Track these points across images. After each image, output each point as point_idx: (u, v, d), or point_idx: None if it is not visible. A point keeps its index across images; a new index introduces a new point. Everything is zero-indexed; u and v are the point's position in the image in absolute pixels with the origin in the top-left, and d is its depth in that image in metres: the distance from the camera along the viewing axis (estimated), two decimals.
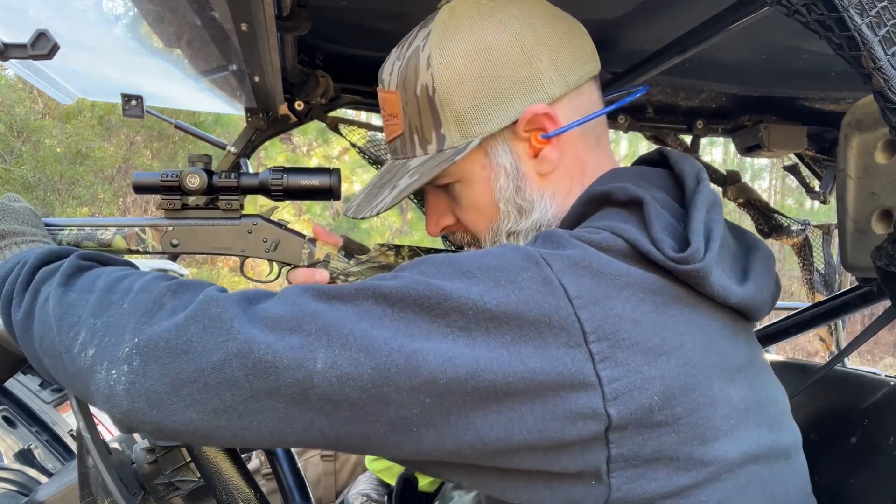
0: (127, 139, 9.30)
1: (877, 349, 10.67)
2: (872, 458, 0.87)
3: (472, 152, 0.73)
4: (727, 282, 0.62)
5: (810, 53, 1.25)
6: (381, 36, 1.31)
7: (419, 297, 0.56)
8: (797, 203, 13.93)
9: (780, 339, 1.33)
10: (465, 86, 0.72)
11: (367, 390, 0.53)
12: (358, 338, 0.54)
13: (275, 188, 0.93)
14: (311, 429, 0.56)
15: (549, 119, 0.72)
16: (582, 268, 0.57)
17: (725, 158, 11.87)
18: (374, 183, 0.84)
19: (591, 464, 0.56)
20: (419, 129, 0.76)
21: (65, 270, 0.69)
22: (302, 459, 2.00)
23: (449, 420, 0.54)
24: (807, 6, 0.54)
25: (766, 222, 1.86)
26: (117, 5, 1.11)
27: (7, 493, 1.19)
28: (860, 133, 0.87)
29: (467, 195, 0.78)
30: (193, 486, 0.92)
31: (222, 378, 0.55)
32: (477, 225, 0.79)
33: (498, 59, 0.71)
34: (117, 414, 0.59)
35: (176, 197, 0.94)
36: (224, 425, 0.56)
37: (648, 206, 0.63)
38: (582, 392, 0.54)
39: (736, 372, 0.62)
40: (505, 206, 0.75)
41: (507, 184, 0.75)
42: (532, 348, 0.54)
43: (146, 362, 0.57)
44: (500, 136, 0.74)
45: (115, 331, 0.60)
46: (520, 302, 0.55)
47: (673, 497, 0.57)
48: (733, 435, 0.60)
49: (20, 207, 0.84)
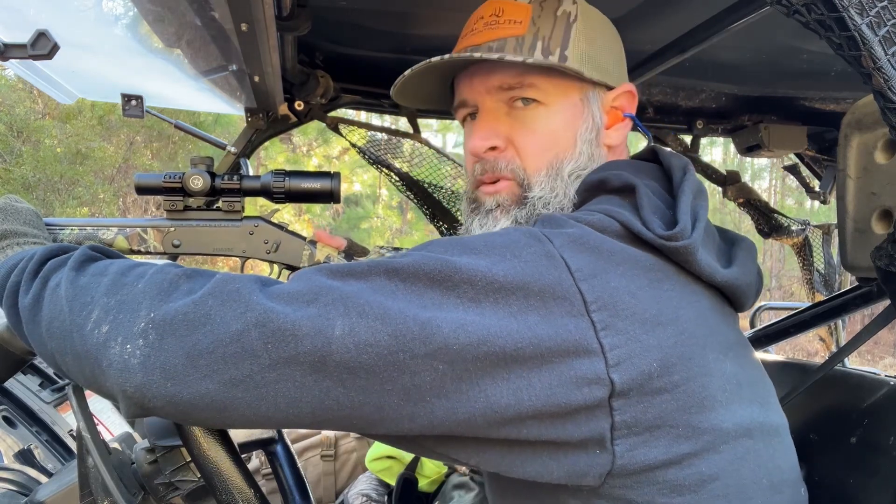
0: (127, 139, 9.30)
1: (877, 349, 10.68)
2: (872, 458, 0.87)
3: (571, 89, 0.80)
4: (713, 262, 0.66)
5: (810, 53, 1.25)
6: (381, 36, 1.31)
7: (430, 270, 0.58)
8: (797, 203, 13.94)
9: (780, 339, 1.33)
10: (594, 36, 0.81)
11: (383, 357, 0.55)
12: (374, 307, 0.56)
13: (276, 191, 0.94)
14: (326, 398, 0.56)
15: (632, 100, 0.84)
16: (581, 244, 0.61)
17: (725, 158, 11.88)
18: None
19: (596, 431, 0.58)
20: (546, 39, 0.78)
21: (76, 258, 0.69)
22: (302, 459, 2.00)
23: (461, 388, 0.56)
24: (807, 6, 0.54)
25: (766, 222, 1.86)
26: (117, 5, 1.11)
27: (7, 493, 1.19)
28: (860, 133, 0.87)
29: (546, 121, 0.79)
30: (193, 486, 0.92)
31: (241, 348, 0.55)
32: (537, 153, 0.79)
33: (612, 39, 0.84)
34: (131, 388, 0.57)
35: (178, 198, 0.94)
36: (241, 396, 0.56)
37: (640, 191, 0.68)
38: (586, 358, 0.57)
39: (727, 348, 0.66)
40: (582, 145, 0.80)
41: (591, 130, 0.81)
42: (538, 317, 0.57)
43: (162, 336, 0.57)
44: (598, 91, 0.82)
45: (129, 308, 0.60)
46: (525, 273, 0.58)
47: (674, 466, 0.60)
48: (729, 406, 0.63)
49: (22, 208, 0.85)
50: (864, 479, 0.87)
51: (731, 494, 0.62)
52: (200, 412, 0.57)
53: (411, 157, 1.77)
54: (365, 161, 1.77)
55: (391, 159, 1.75)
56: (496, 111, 0.81)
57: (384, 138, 1.72)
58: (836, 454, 0.93)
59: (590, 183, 0.75)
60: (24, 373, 1.87)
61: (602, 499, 0.62)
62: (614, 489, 0.61)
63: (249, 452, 1.72)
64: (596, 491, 0.61)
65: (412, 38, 1.33)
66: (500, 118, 0.81)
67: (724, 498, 0.61)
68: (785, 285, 12.66)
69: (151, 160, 9.55)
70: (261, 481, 1.85)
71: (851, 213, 0.89)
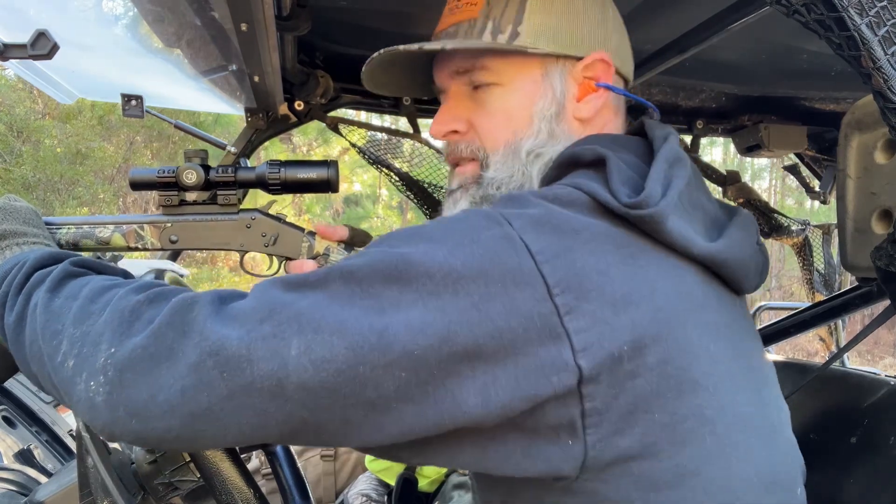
0: (127, 139, 9.30)
1: (877, 349, 10.67)
2: (872, 458, 0.87)
3: (530, 64, 0.77)
4: (689, 232, 0.62)
5: (810, 53, 1.25)
6: (381, 36, 1.31)
7: (385, 268, 0.56)
8: (797, 203, 13.94)
9: (780, 339, 1.33)
10: (554, 6, 0.76)
11: (342, 372, 0.53)
12: (329, 321, 0.54)
13: (272, 181, 0.93)
14: (290, 420, 0.55)
15: (606, 70, 0.78)
16: (543, 224, 0.58)
17: (725, 158, 11.88)
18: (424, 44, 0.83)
19: (566, 419, 0.56)
20: (497, 18, 0.77)
21: (55, 276, 0.68)
22: (302, 459, 2.00)
23: (426, 391, 0.55)
24: (806, 6, 0.54)
25: (766, 222, 1.86)
26: (117, 5, 1.11)
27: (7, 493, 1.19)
28: (860, 133, 0.87)
29: (502, 101, 0.78)
30: (193, 486, 0.92)
31: (197, 379, 0.55)
32: (495, 134, 0.78)
33: (586, 8, 0.78)
34: (98, 425, 0.58)
35: (173, 193, 0.93)
36: (204, 429, 0.56)
37: (611, 162, 0.65)
38: (552, 345, 0.54)
39: (717, 328, 0.62)
40: (539, 122, 0.77)
41: (550, 106, 0.77)
42: (500, 305, 0.54)
43: (122, 372, 0.57)
44: (563, 63, 0.77)
45: (91, 341, 0.60)
46: (484, 259, 0.56)
47: (650, 458, 0.57)
48: (715, 393, 0.59)
49: (21, 207, 0.85)
50: (864, 479, 0.87)
51: (715, 491, 0.59)
52: (170, 444, 0.58)
53: (411, 157, 1.78)
54: (365, 161, 1.77)
55: (391, 159, 1.75)
56: (459, 94, 0.81)
57: (384, 138, 1.72)
58: (836, 454, 0.93)
59: (562, 158, 0.72)
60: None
61: (577, 495, 0.60)
62: (588, 482, 0.58)
63: (249, 452, 1.72)
64: (571, 487, 0.59)
65: (412, 38, 1.33)
66: (462, 101, 0.81)
67: (706, 494, 0.59)
68: (785, 285, 12.66)
69: (151, 160, 9.55)
70: (261, 481, 1.85)
71: (851, 213, 0.89)
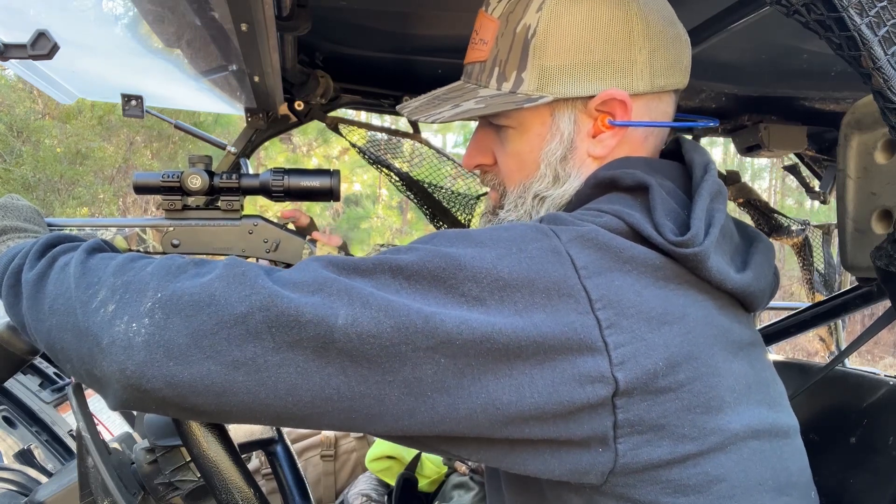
0: (127, 139, 9.30)
1: (877, 349, 10.67)
2: (872, 458, 0.87)
3: (540, 107, 0.75)
4: (725, 268, 0.65)
5: (810, 53, 1.25)
6: (381, 36, 1.32)
7: (434, 268, 0.58)
8: (797, 203, 13.93)
9: (780, 339, 1.33)
10: (563, 43, 0.73)
11: (385, 348, 0.55)
12: (378, 299, 0.56)
13: (276, 189, 0.94)
14: (327, 387, 0.56)
15: (622, 108, 0.74)
16: (587, 241, 0.60)
17: (725, 158, 11.87)
18: (438, 94, 0.83)
19: (598, 430, 0.58)
20: (503, 63, 0.76)
21: (88, 244, 0.70)
22: (302, 459, 2.00)
23: (462, 383, 0.56)
24: (807, 6, 0.54)
25: (766, 222, 1.87)
26: (117, 5, 1.11)
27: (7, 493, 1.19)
28: (860, 133, 0.87)
29: (516, 143, 0.78)
30: (193, 486, 0.92)
31: (245, 330, 0.55)
32: (512, 174, 0.80)
33: (604, 32, 0.73)
34: (131, 366, 0.57)
35: (177, 197, 0.94)
36: (241, 380, 0.56)
37: (654, 192, 0.66)
38: (590, 356, 0.56)
39: (738, 348, 0.65)
40: (545, 167, 0.77)
41: (557, 149, 0.76)
42: (543, 314, 0.56)
43: (168, 315, 0.57)
44: (572, 103, 0.75)
45: (137, 288, 0.60)
46: (531, 269, 0.58)
47: (677, 466, 0.59)
48: (737, 408, 0.62)
49: (23, 206, 0.85)
50: (864, 479, 0.87)
51: (738, 496, 0.61)
52: (198, 395, 0.57)
53: (411, 157, 1.78)
54: (365, 161, 1.77)
55: (391, 159, 1.75)
56: (487, 132, 0.82)
57: (384, 138, 1.72)
58: (836, 454, 0.93)
59: (601, 178, 0.72)
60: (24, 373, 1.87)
61: (605, 496, 0.61)
62: (616, 487, 0.60)
63: (249, 452, 1.72)
64: (598, 489, 0.61)
65: (412, 38, 1.33)
66: (488, 139, 0.82)
67: (730, 499, 0.61)
68: (785, 285, 12.66)
69: (151, 160, 9.55)
70: (261, 481, 1.85)
71: (851, 213, 0.89)
